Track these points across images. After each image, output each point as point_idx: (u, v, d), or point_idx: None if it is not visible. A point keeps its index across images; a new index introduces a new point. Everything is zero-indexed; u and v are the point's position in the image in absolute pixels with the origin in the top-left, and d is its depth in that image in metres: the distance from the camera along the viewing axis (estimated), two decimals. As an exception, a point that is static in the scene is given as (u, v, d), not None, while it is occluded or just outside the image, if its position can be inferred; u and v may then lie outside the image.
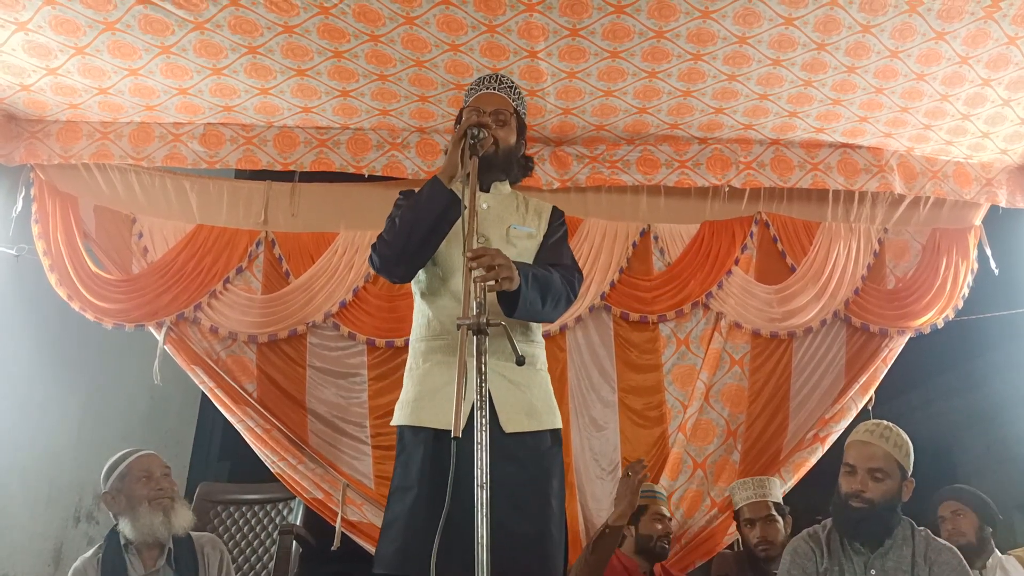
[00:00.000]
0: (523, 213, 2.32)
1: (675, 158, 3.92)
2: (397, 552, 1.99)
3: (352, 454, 3.69)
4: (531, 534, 2.01)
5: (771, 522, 3.27)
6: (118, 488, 2.68)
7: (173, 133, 3.75)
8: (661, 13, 3.01)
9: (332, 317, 3.74)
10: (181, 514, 2.70)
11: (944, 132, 3.76)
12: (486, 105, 2.28)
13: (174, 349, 3.66)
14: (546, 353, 2.32)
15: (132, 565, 2.60)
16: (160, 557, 2.64)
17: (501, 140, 2.24)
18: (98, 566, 2.60)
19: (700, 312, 3.92)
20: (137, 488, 2.66)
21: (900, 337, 3.95)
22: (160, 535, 2.63)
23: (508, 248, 2.19)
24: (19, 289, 3.75)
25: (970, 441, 6.14)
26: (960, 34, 3.09)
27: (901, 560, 2.37)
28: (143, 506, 2.64)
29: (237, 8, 2.97)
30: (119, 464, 2.73)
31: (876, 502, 2.39)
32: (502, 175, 2.33)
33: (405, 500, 2.04)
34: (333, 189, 3.95)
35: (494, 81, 2.35)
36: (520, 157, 2.36)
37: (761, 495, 3.35)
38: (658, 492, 3.46)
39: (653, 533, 3.27)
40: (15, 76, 3.35)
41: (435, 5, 2.97)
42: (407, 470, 2.09)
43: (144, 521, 2.62)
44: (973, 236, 4.09)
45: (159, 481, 2.71)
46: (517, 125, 2.32)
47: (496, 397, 2.04)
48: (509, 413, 2.07)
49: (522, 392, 2.12)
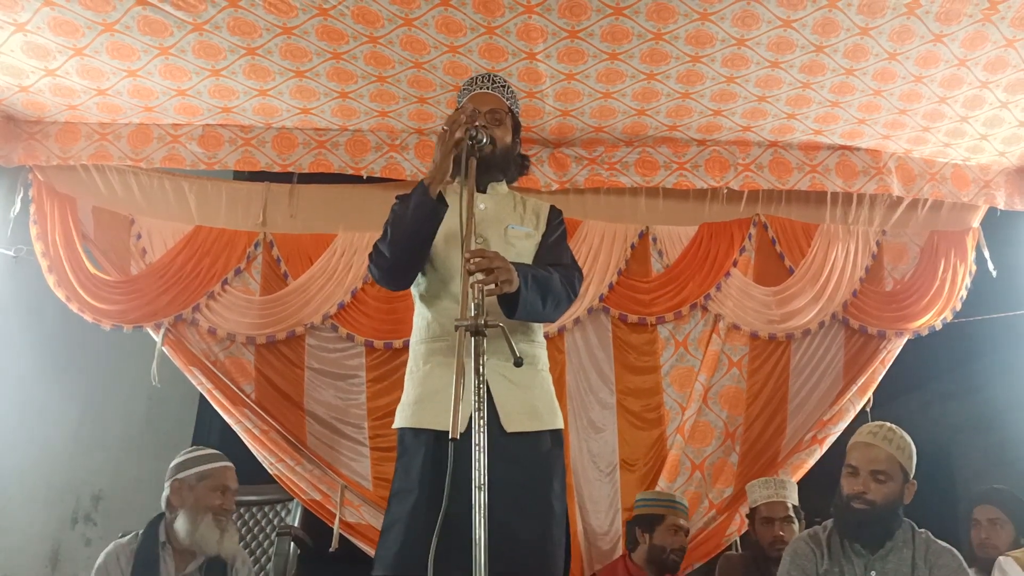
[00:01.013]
0: (521, 213, 2.31)
1: (674, 160, 3.92)
2: (398, 554, 1.98)
3: (350, 455, 3.69)
4: (532, 535, 2.01)
5: (788, 523, 3.22)
6: (191, 485, 2.68)
7: (172, 134, 3.75)
8: (660, 15, 3.01)
9: (330, 318, 3.73)
10: (232, 538, 2.72)
11: (942, 134, 3.77)
12: (481, 105, 2.28)
13: (172, 350, 3.66)
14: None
15: (165, 564, 2.60)
16: (193, 563, 2.64)
17: (498, 140, 2.23)
18: (131, 556, 2.59)
19: (698, 314, 3.92)
20: (210, 497, 2.67)
21: (898, 339, 3.95)
22: (209, 550, 2.63)
23: (507, 248, 2.18)
24: (17, 290, 3.75)
25: (968, 443, 6.13)
26: (958, 36, 3.10)
27: (901, 562, 2.37)
28: (208, 516, 2.64)
29: (236, 9, 2.97)
30: (203, 463, 2.73)
31: (878, 504, 2.39)
32: (499, 175, 2.32)
33: (406, 502, 2.04)
34: (332, 190, 3.95)
35: (487, 81, 2.35)
36: (516, 156, 2.35)
37: (781, 496, 3.30)
38: (678, 502, 3.38)
39: (667, 545, 3.22)
40: (14, 77, 3.35)
41: (434, 7, 2.97)
42: (408, 472, 2.09)
43: (202, 531, 2.62)
44: (971, 238, 4.09)
45: (230, 500, 2.73)
46: (512, 124, 2.32)
47: (497, 397, 2.04)
48: (510, 413, 2.06)
49: (523, 392, 2.12)
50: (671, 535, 3.24)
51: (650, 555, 3.23)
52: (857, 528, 2.43)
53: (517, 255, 2.18)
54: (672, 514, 3.28)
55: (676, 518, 3.28)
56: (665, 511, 3.29)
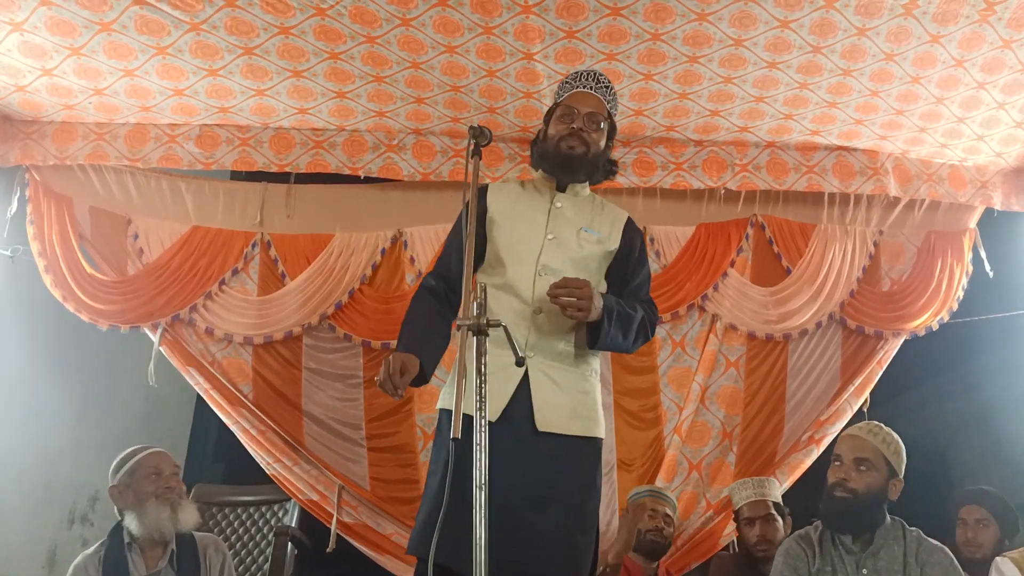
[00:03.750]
0: (597, 217, 2.33)
1: (671, 160, 3.93)
2: (418, 534, 2.03)
3: (347, 456, 3.69)
4: (555, 533, 2.02)
5: (770, 521, 3.27)
6: (127, 483, 2.67)
7: (169, 134, 3.74)
8: (657, 16, 3.01)
9: (328, 319, 3.73)
10: (188, 511, 2.70)
11: (939, 135, 3.77)
12: (581, 105, 2.27)
13: (169, 351, 3.66)
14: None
15: (134, 564, 2.59)
16: (163, 558, 2.63)
17: (592, 144, 2.26)
18: (99, 564, 2.59)
19: (696, 314, 3.93)
20: (146, 484, 2.66)
21: (895, 339, 3.95)
22: (166, 530, 2.62)
23: (577, 249, 2.23)
24: (14, 290, 3.75)
25: (965, 443, 6.15)
26: (955, 37, 3.10)
27: (892, 560, 2.38)
28: (150, 501, 2.63)
29: (233, 9, 2.97)
30: (129, 459, 2.72)
31: (859, 492, 2.42)
32: (583, 177, 2.34)
33: (432, 482, 2.09)
34: (329, 190, 3.94)
35: (591, 80, 2.31)
36: (606, 162, 2.35)
37: (761, 495, 3.35)
38: (657, 491, 3.47)
39: (643, 527, 3.28)
40: (10, 77, 3.34)
41: (431, 7, 2.97)
42: (439, 453, 2.13)
43: (151, 516, 2.61)
44: (968, 239, 4.09)
45: (168, 479, 2.71)
46: (608, 128, 2.33)
47: (535, 394, 2.08)
48: (545, 412, 2.08)
49: (564, 394, 2.13)
50: (648, 519, 3.30)
51: (635, 542, 3.28)
52: (839, 517, 2.46)
53: (584, 258, 2.23)
54: (650, 501, 3.36)
55: (653, 503, 3.35)
56: (644, 499, 3.37)
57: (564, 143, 2.25)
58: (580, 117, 2.25)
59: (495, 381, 1.81)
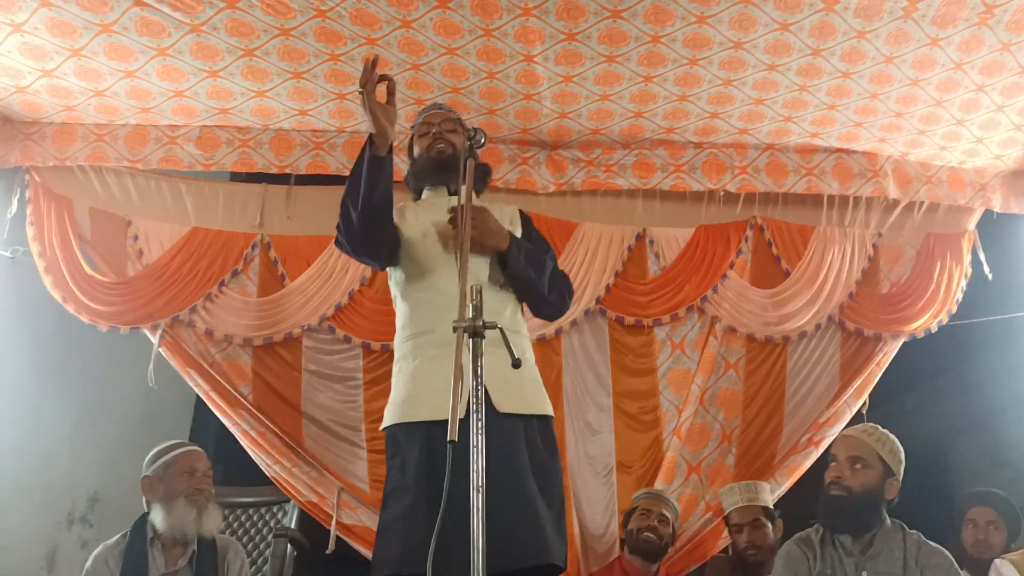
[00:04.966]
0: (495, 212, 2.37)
1: (671, 162, 3.93)
2: (401, 555, 1.99)
3: (347, 458, 3.68)
4: (537, 512, 2.03)
5: (759, 527, 3.26)
6: (160, 476, 2.69)
7: (169, 135, 3.74)
8: (657, 18, 3.02)
9: (328, 320, 3.73)
10: (213, 516, 2.71)
11: (938, 137, 3.78)
12: (434, 118, 2.48)
13: (169, 352, 3.65)
14: (543, 357, 2.35)
15: (154, 560, 2.59)
16: (183, 556, 2.64)
17: (456, 143, 2.40)
18: (120, 556, 2.60)
19: (695, 316, 3.93)
20: (178, 482, 2.67)
21: (894, 341, 3.96)
22: (189, 532, 2.63)
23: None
24: (14, 292, 3.74)
25: (965, 445, 6.14)
26: (954, 40, 3.11)
27: (893, 562, 2.39)
28: (179, 500, 2.64)
29: (233, 11, 2.97)
30: (166, 453, 2.74)
31: (854, 490, 2.43)
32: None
33: (403, 500, 2.05)
34: (329, 192, 3.93)
35: (436, 106, 2.59)
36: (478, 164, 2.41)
37: (749, 499, 3.33)
38: (655, 493, 3.47)
39: (639, 527, 3.28)
40: (11, 78, 3.34)
41: (432, 9, 2.98)
42: (403, 470, 2.10)
43: (177, 515, 2.62)
44: (967, 241, 4.10)
45: (200, 480, 2.73)
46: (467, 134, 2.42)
47: (488, 381, 2.06)
48: (500, 396, 2.09)
49: (513, 376, 2.12)
50: (643, 519, 3.30)
51: (629, 543, 3.30)
52: (835, 516, 2.47)
53: None
54: (647, 502, 3.36)
55: (649, 504, 3.35)
56: (641, 501, 3.37)
57: (432, 150, 2.43)
58: (436, 125, 2.46)
59: (443, 383, 1.79)
